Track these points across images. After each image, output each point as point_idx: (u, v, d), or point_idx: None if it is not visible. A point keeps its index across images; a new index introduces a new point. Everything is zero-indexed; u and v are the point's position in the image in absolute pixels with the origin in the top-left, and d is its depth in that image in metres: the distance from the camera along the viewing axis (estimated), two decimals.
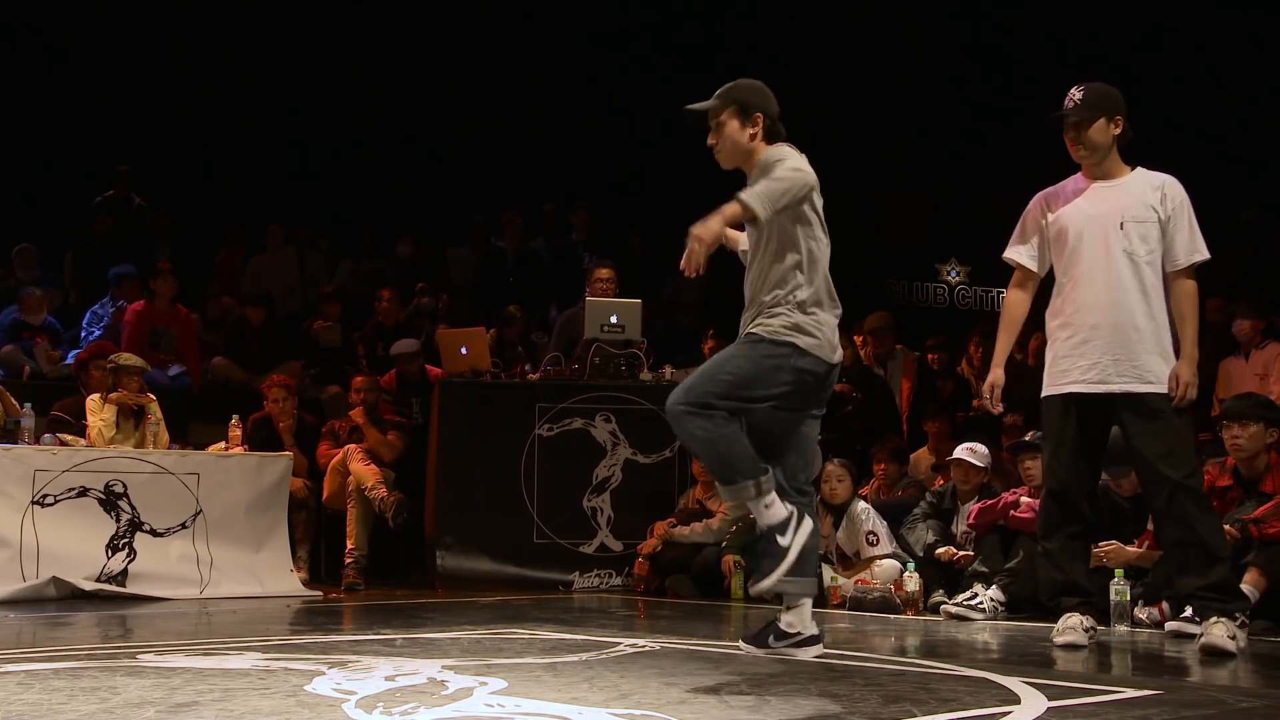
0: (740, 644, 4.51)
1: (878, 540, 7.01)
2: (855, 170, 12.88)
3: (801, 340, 4.20)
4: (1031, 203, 5.33)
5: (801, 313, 4.22)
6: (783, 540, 4.12)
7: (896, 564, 6.86)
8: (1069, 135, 5.12)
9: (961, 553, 6.76)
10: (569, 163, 12.83)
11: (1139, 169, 5.13)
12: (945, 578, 6.78)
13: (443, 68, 13.09)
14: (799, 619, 4.36)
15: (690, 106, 4.45)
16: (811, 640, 4.37)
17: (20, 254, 10.88)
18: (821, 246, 4.32)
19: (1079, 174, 5.21)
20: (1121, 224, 5.00)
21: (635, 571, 7.90)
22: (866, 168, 13.02)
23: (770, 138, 4.39)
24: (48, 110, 12.06)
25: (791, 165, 4.17)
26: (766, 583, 4.12)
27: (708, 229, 4.00)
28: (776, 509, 4.14)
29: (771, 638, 4.38)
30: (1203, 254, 4.99)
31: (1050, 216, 5.21)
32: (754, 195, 4.02)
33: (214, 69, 12.65)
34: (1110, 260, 5.00)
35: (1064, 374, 5.08)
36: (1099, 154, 5.09)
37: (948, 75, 12.93)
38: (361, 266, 12.27)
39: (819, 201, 4.32)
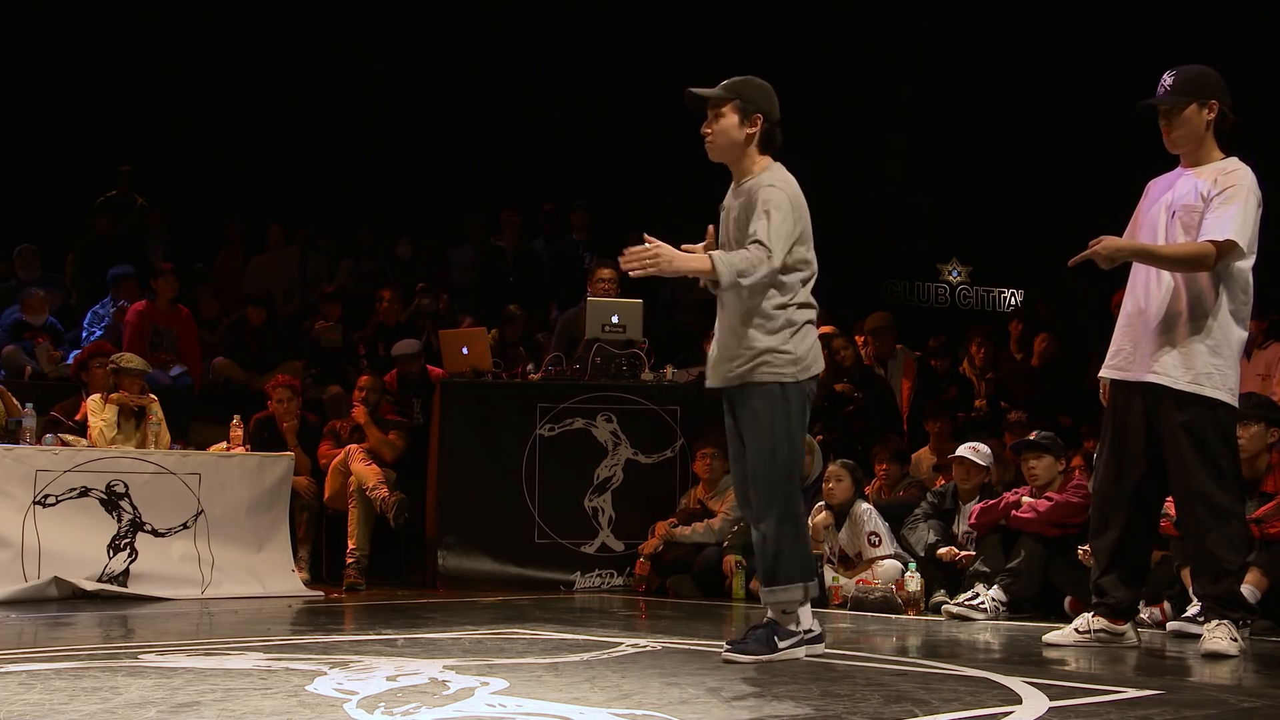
0: (733, 655, 4.35)
1: (880, 541, 7.01)
2: (856, 170, 12.89)
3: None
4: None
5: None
6: (780, 642, 4.32)
7: (898, 564, 6.86)
8: (1161, 123, 4.92)
9: (963, 553, 6.76)
10: (569, 162, 12.82)
11: (1231, 158, 4.88)
12: (947, 578, 6.78)
13: (442, 67, 13.09)
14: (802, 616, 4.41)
15: (694, 89, 4.43)
16: (817, 638, 4.43)
17: (22, 254, 10.88)
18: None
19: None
20: (1174, 213, 4.86)
21: (636, 571, 7.89)
22: (867, 167, 13.02)
23: (766, 143, 4.43)
24: (50, 110, 12.06)
25: (784, 231, 4.27)
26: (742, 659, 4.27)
27: (670, 263, 4.14)
28: (805, 615, 4.37)
29: (777, 637, 4.37)
30: (1220, 234, 4.68)
31: (1143, 204, 5.09)
32: (729, 265, 4.16)
33: (215, 69, 12.65)
34: None
35: (1109, 359, 5.05)
36: (1191, 141, 4.88)
37: (949, 74, 12.93)
38: (362, 267, 12.27)
39: (808, 233, 4.45)
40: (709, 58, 12.64)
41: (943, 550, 6.84)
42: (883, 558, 6.94)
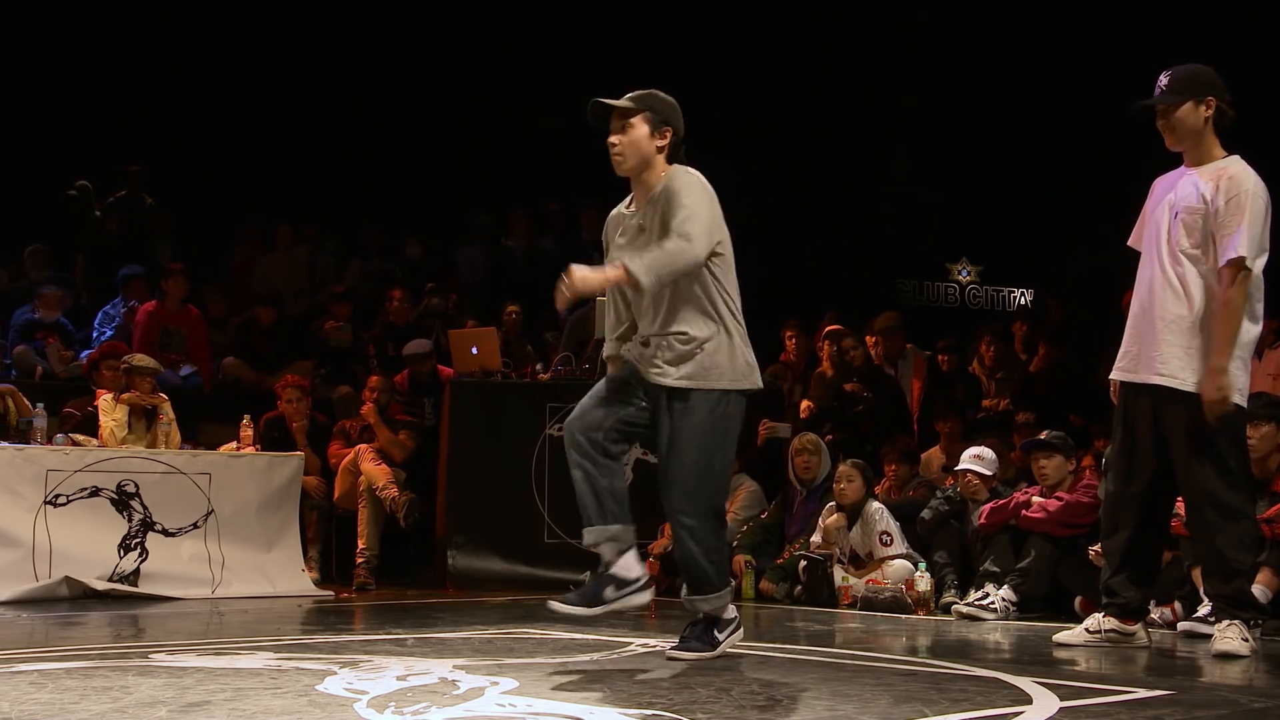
0: (559, 607, 4.42)
1: (891, 540, 7.00)
2: (864, 169, 12.87)
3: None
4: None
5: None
6: (719, 635, 4.49)
7: (908, 564, 6.85)
8: (1159, 123, 4.92)
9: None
10: (577, 162, 12.79)
11: (1233, 157, 4.87)
12: (958, 576, 6.78)
13: (451, 68, 13.09)
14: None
15: (603, 100, 4.35)
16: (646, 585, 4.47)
17: (33, 255, 10.91)
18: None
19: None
20: (1176, 213, 4.85)
21: (646, 571, 7.88)
22: (876, 167, 13.00)
23: (673, 156, 4.36)
24: (59, 111, 12.07)
25: (703, 222, 4.16)
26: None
27: (585, 283, 4.11)
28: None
29: (610, 589, 4.41)
30: (1236, 252, 4.67)
31: (1149, 203, 5.08)
32: (645, 267, 4.05)
33: (223, 70, 12.66)
34: (1158, 249, 4.88)
35: (1117, 360, 5.03)
36: (1190, 139, 4.88)
37: (958, 73, 12.91)
38: (371, 267, 12.29)
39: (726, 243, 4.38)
40: (716, 57, 12.65)
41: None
42: (894, 557, 6.94)
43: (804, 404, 9.09)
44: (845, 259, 12.37)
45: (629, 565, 4.43)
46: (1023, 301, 13.38)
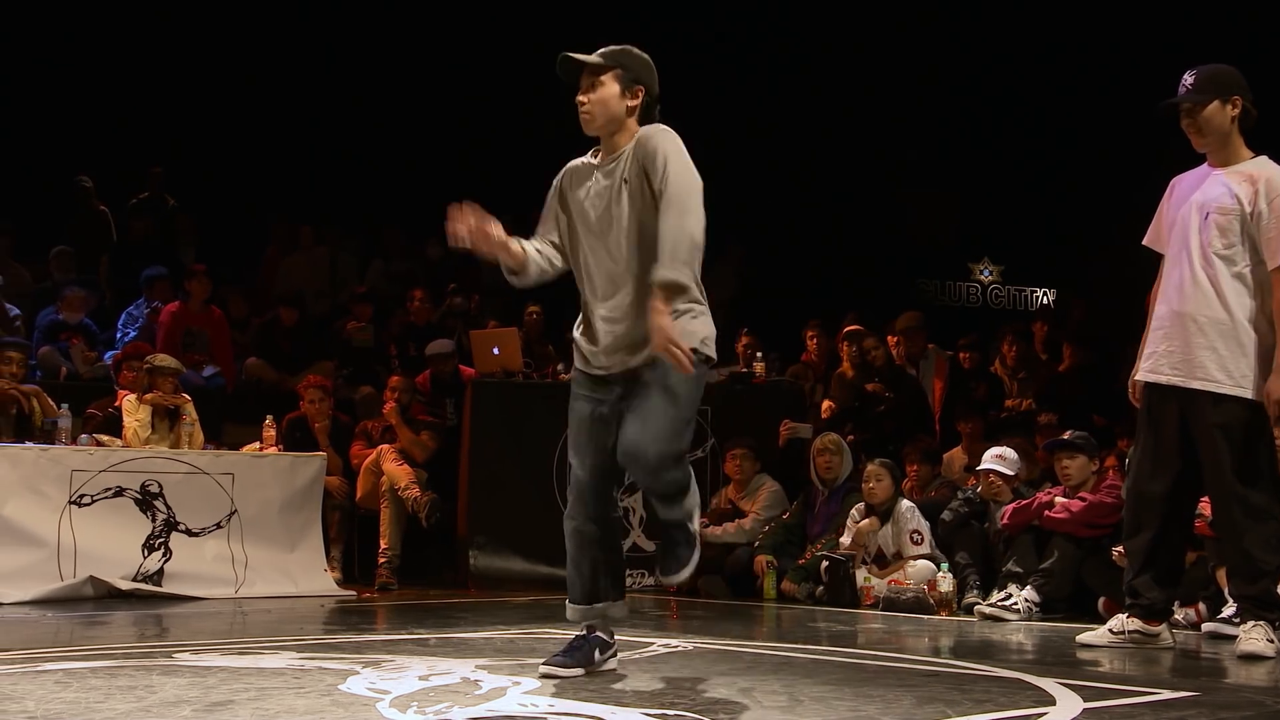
0: (554, 670, 3.94)
1: (921, 539, 7.01)
2: (885, 169, 12.84)
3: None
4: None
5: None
6: (692, 526, 4.01)
7: (931, 564, 6.83)
8: (1184, 123, 4.90)
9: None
10: None
11: (1261, 158, 4.87)
12: (981, 576, 6.76)
13: (471, 69, 13.11)
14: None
15: (571, 54, 4.02)
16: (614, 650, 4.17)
17: (57, 256, 10.97)
18: None
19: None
20: (1207, 214, 4.83)
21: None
22: (896, 166, 12.97)
23: (645, 116, 4.02)
24: (82, 113, 12.14)
25: (697, 188, 3.78)
26: (686, 573, 4.05)
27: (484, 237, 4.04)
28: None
29: (597, 652, 4.06)
30: None
31: (1169, 202, 5.06)
32: (683, 272, 3.67)
33: (246, 72, 12.71)
34: (1187, 250, 4.86)
35: (1143, 361, 5.01)
36: (1216, 139, 4.86)
37: (979, 72, 12.87)
38: (392, 267, 12.31)
39: None
40: (732, 56, 12.64)
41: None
42: (921, 557, 6.92)
43: (825, 404, 9.09)
44: (866, 259, 12.35)
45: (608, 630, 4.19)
46: (1045, 301, 13.34)
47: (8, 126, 11.88)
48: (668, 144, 3.86)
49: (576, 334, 4.12)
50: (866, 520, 7.15)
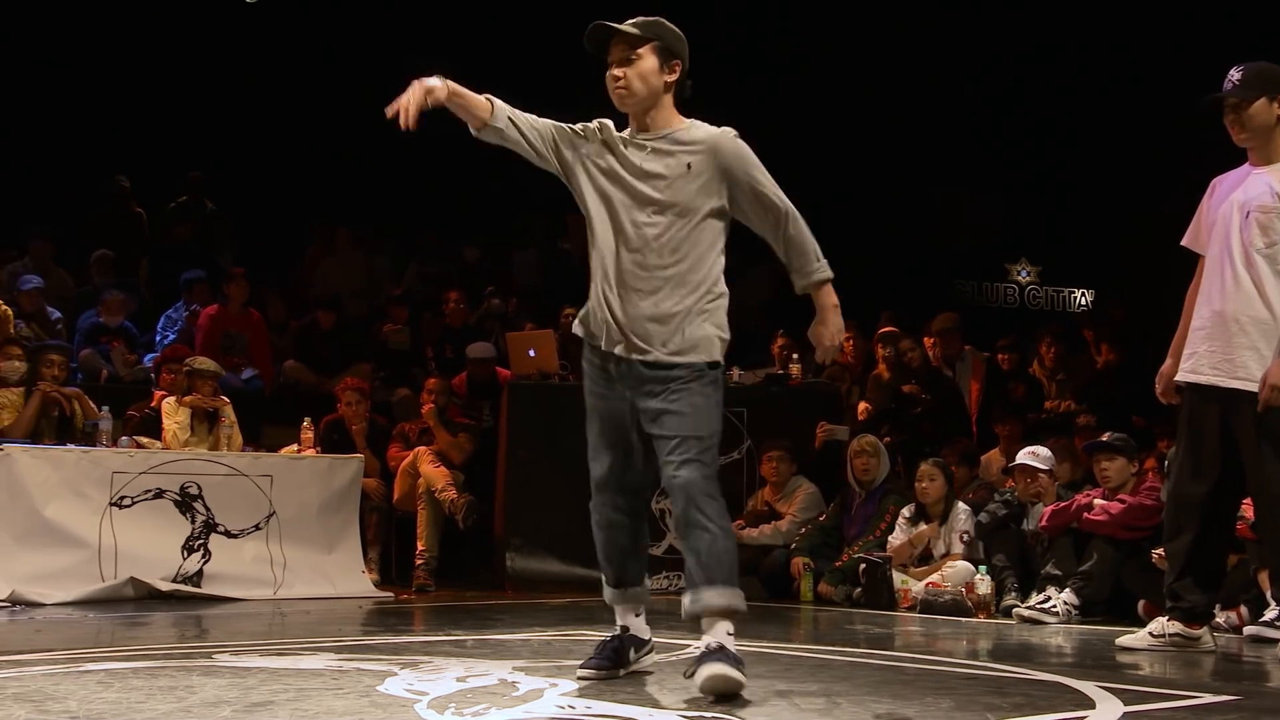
0: (588, 672, 3.95)
1: (970, 539, 7.00)
2: (923, 168, 12.79)
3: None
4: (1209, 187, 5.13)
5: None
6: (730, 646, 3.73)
7: (969, 566, 6.81)
8: (1228, 119, 4.88)
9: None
10: None
11: None
12: (1020, 580, 6.73)
13: (505, 73, 13.14)
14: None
15: (607, 23, 3.86)
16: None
17: (98, 261, 11.09)
18: None
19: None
20: (1248, 213, 4.80)
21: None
22: (934, 166, 12.92)
23: (678, 93, 3.91)
24: (120, 119, 12.25)
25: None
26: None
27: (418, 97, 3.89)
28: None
29: (632, 651, 4.08)
30: None
31: (1210, 202, 5.03)
32: (825, 265, 3.88)
33: (283, 77, 12.81)
34: (1228, 250, 4.83)
35: (1184, 362, 4.98)
36: (1259, 136, 4.83)
37: (1015, 71, 12.80)
38: (428, 270, 12.37)
39: None
40: (771, 56, 12.59)
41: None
42: (964, 558, 6.91)
43: (861, 406, 9.07)
44: (903, 260, 12.30)
45: (643, 626, 4.21)
46: (1083, 302, 13.25)
47: (48, 133, 12.01)
48: (753, 157, 3.87)
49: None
50: (928, 526, 7.14)
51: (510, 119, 4.01)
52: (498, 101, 4.00)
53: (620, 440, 4.06)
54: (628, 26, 3.86)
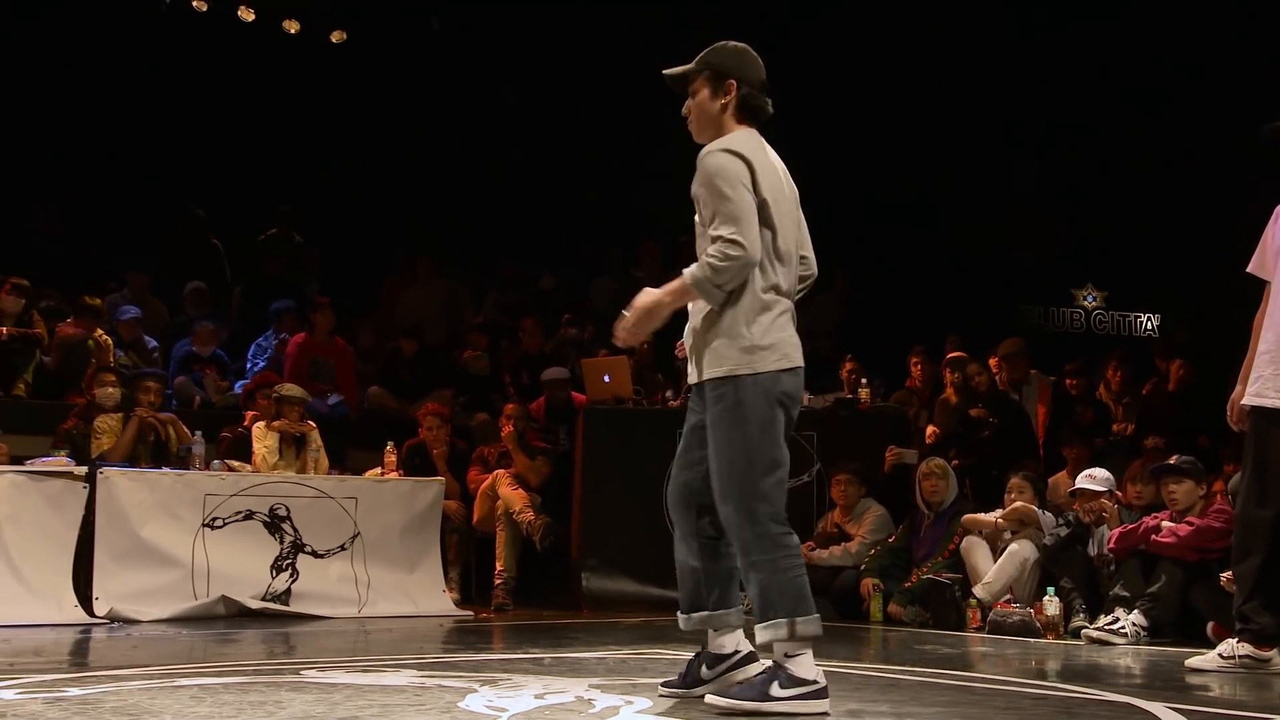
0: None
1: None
2: (988, 192, 12.75)
3: None
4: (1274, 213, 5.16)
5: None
6: (778, 691, 3.62)
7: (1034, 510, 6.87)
8: None
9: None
10: None
11: None
12: (1087, 601, 6.74)
13: (583, 103, 13.30)
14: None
15: (668, 71, 3.99)
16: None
17: (192, 293, 11.35)
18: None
19: None
20: None
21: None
22: (999, 189, 12.88)
23: (745, 109, 3.91)
24: (212, 156, 12.55)
25: (745, 208, 3.70)
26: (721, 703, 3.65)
27: (642, 316, 3.96)
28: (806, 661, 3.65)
29: (704, 668, 3.92)
30: None
31: (1275, 228, 5.08)
32: (700, 281, 3.77)
33: (370, 114, 13.07)
34: None
35: (1250, 385, 5.01)
36: None
37: (1082, 95, 12.72)
38: (506, 298, 12.55)
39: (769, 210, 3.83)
40: (834, 77, 12.60)
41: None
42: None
43: (929, 429, 9.10)
44: (970, 285, 12.27)
45: (720, 641, 3.95)
46: (1150, 327, 13.13)
47: (143, 168, 12.33)
48: (716, 176, 3.79)
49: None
50: (1017, 546, 7.11)
51: None
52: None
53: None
54: (677, 68, 3.99)
